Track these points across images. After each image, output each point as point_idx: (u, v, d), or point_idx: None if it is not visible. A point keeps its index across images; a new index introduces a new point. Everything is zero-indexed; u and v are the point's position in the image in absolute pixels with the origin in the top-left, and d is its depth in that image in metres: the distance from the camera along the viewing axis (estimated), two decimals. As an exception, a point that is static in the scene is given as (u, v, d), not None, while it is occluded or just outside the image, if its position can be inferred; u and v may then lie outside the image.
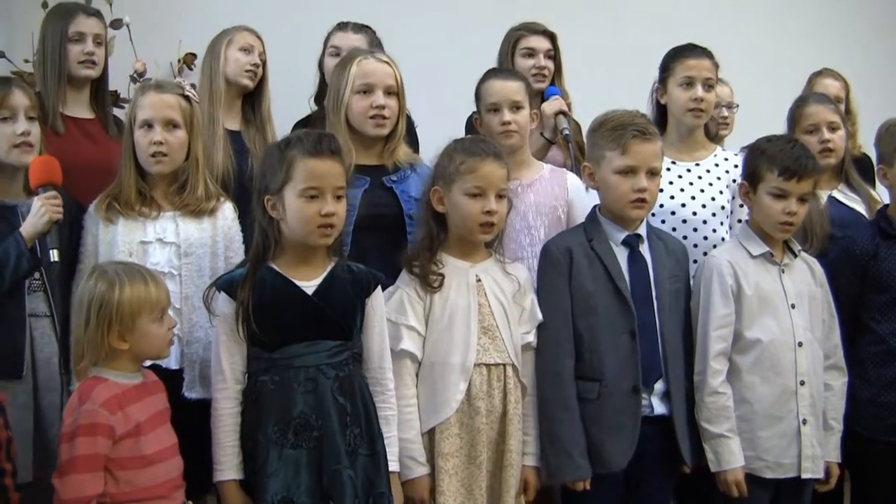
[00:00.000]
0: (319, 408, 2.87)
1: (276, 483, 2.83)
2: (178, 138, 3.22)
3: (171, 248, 3.20)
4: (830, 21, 6.06)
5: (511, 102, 3.58)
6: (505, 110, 3.57)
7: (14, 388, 3.06)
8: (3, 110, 3.18)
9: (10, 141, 3.17)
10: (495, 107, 3.59)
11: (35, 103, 3.27)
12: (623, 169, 3.20)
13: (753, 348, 3.27)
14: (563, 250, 3.23)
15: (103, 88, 3.98)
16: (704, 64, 3.74)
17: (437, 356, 3.11)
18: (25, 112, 3.20)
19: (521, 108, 3.60)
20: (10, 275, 3.03)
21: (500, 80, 3.66)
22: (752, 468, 3.25)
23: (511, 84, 3.63)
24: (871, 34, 6.10)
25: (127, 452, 2.71)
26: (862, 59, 5.70)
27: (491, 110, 3.60)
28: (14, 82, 3.31)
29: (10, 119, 3.18)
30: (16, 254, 3.02)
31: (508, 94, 3.59)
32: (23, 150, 3.18)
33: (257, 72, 4.06)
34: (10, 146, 3.17)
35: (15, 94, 3.20)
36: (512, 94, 3.60)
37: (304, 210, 2.89)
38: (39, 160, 3.14)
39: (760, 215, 3.36)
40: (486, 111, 3.63)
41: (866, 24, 6.12)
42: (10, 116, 3.18)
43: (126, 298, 2.73)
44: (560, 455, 3.14)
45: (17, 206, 3.18)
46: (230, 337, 2.93)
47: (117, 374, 2.77)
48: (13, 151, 3.18)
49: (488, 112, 3.62)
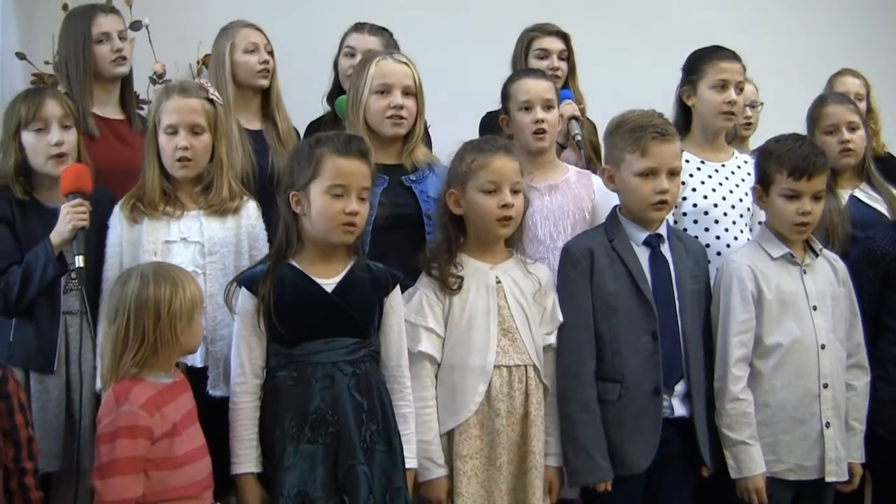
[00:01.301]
0: (336, 404, 2.90)
1: (292, 477, 2.86)
2: (202, 142, 3.24)
3: (195, 247, 3.22)
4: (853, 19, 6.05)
5: (544, 101, 3.58)
6: (538, 108, 3.57)
7: (48, 381, 3.19)
8: (36, 122, 3.23)
9: (45, 152, 3.24)
10: (527, 105, 3.58)
11: (69, 111, 3.31)
12: (643, 171, 3.19)
13: (775, 352, 3.26)
14: (584, 251, 3.23)
15: (130, 87, 4.02)
16: (736, 67, 3.74)
17: (457, 358, 3.12)
18: (59, 121, 3.26)
19: (552, 107, 3.61)
20: (37, 280, 3.11)
21: (532, 79, 3.68)
22: (776, 472, 3.24)
23: (543, 83, 3.65)
24: (894, 32, 6.06)
25: (162, 453, 2.74)
26: (885, 57, 5.68)
27: (523, 108, 3.60)
28: (47, 92, 3.36)
29: (43, 130, 3.24)
30: (44, 260, 3.10)
31: (541, 92, 3.60)
32: (57, 160, 3.24)
33: (269, 68, 4.06)
34: (45, 157, 3.24)
35: (47, 105, 3.25)
36: (544, 92, 3.61)
37: (328, 207, 2.92)
38: (71, 169, 3.18)
39: (775, 218, 3.35)
40: (517, 110, 3.62)
41: (889, 23, 6.09)
42: (43, 127, 3.24)
43: (189, 296, 2.80)
44: (581, 457, 3.14)
45: (58, 209, 3.20)
46: (250, 332, 2.97)
47: (152, 373, 2.80)
48: (49, 162, 3.25)
49: (520, 111, 3.61)
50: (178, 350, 2.85)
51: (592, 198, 3.60)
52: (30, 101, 3.26)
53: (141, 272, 2.83)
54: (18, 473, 2.69)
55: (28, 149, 3.25)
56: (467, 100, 4.05)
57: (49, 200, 3.27)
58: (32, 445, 2.74)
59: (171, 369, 2.87)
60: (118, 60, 3.87)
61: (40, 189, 3.29)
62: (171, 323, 2.77)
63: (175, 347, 2.82)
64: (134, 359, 2.75)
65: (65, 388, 3.21)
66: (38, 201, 3.27)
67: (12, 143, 3.25)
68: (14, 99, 3.35)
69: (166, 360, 2.82)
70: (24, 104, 3.25)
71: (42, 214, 3.24)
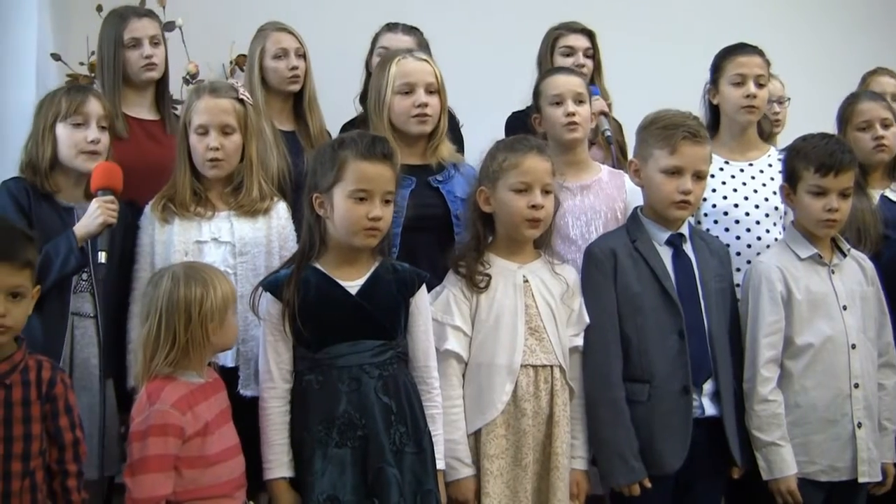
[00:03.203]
0: (363, 407, 2.89)
1: (323, 482, 2.85)
2: (233, 143, 3.26)
3: (226, 247, 3.24)
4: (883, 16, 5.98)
5: (575, 94, 3.59)
6: (569, 101, 3.57)
7: None
8: (76, 116, 3.25)
9: (79, 147, 3.24)
10: (559, 99, 3.59)
11: (109, 113, 3.35)
12: (670, 169, 3.18)
13: (805, 353, 3.24)
14: (606, 252, 3.22)
15: (165, 88, 4.05)
16: (755, 61, 3.72)
17: (483, 357, 3.11)
18: (98, 121, 3.27)
19: (584, 102, 3.61)
20: (57, 269, 3.09)
21: (563, 74, 3.71)
22: (807, 472, 3.22)
23: (574, 78, 3.67)
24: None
25: (194, 452, 2.76)
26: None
27: (554, 103, 3.60)
28: (92, 91, 3.38)
29: (82, 125, 3.25)
30: (66, 250, 3.09)
31: (572, 87, 3.61)
32: (90, 156, 3.25)
33: (299, 73, 4.07)
34: (78, 151, 3.25)
35: (90, 102, 3.28)
36: (575, 86, 3.62)
37: (351, 211, 2.91)
38: (103, 165, 3.20)
39: (803, 215, 3.33)
40: (548, 105, 3.62)
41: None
42: (83, 123, 3.25)
43: (220, 295, 2.81)
44: (612, 458, 3.13)
45: (74, 208, 3.25)
46: (277, 337, 2.96)
47: (185, 373, 2.82)
48: (80, 157, 3.25)
49: (551, 105, 3.61)
50: (210, 350, 2.87)
51: (624, 198, 3.59)
52: (73, 95, 3.28)
53: (172, 273, 2.84)
54: (62, 475, 2.70)
55: (61, 141, 3.25)
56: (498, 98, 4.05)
57: (66, 199, 3.28)
58: (79, 448, 2.73)
59: (204, 369, 2.88)
60: (148, 66, 3.89)
61: (61, 186, 3.28)
62: (202, 324, 2.78)
63: (207, 348, 2.83)
64: (166, 359, 2.76)
65: None
66: (53, 197, 3.26)
67: (49, 134, 3.25)
68: (54, 92, 3.36)
69: (198, 360, 2.84)
70: (67, 98, 3.27)
71: (57, 211, 3.25)
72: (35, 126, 3.30)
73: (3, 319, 2.54)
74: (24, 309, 2.62)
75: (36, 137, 3.27)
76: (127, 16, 3.91)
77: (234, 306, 2.91)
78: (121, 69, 3.86)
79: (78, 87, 3.45)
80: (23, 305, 2.61)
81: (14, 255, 2.57)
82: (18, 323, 2.61)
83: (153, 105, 3.99)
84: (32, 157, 3.27)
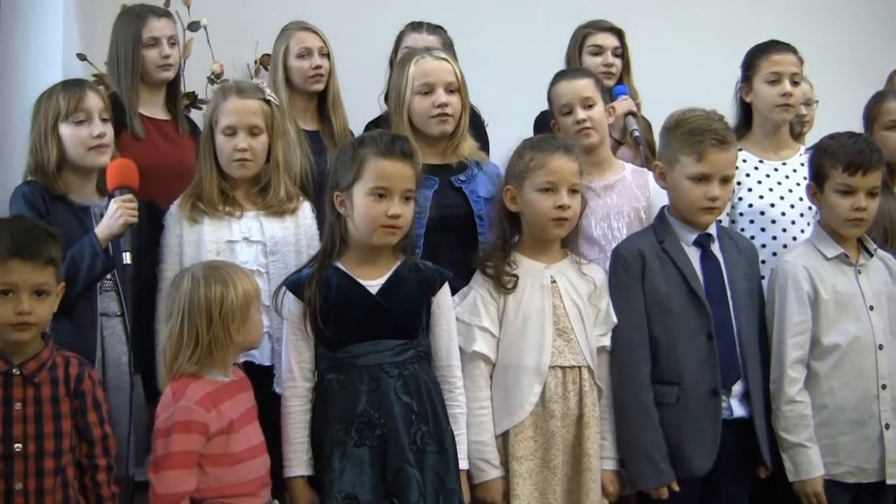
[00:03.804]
0: (382, 406, 2.89)
1: (342, 481, 2.86)
2: (260, 143, 3.26)
3: (257, 246, 3.25)
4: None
5: (582, 100, 3.57)
6: (577, 109, 3.56)
7: None
8: (78, 113, 3.21)
9: (86, 143, 3.21)
10: (568, 108, 3.58)
11: (108, 104, 3.32)
12: (697, 176, 3.17)
13: (832, 353, 3.22)
14: (634, 253, 3.21)
15: (177, 88, 4.05)
16: (790, 59, 3.70)
17: (511, 358, 3.10)
18: (99, 114, 3.25)
19: (594, 104, 3.58)
20: (84, 275, 3.08)
21: (567, 80, 3.67)
22: (834, 474, 3.21)
23: (579, 82, 3.63)
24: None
25: (218, 449, 2.77)
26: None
27: (565, 112, 3.59)
28: (86, 84, 3.35)
29: (85, 122, 3.22)
30: (90, 254, 3.08)
31: (578, 91, 3.59)
32: (98, 151, 3.23)
33: (322, 72, 4.08)
34: (86, 148, 3.22)
35: (89, 97, 3.24)
36: (581, 91, 3.59)
37: (370, 209, 2.92)
38: (116, 163, 3.19)
39: (830, 214, 3.31)
40: (559, 115, 3.63)
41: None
42: (85, 119, 3.22)
43: (241, 293, 2.81)
44: (641, 461, 3.12)
45: (90, 206, 3.25)
46: (298, 336, 2.97)
47: (210, 371, 2.83)
48: (89, 154, 3.23)
49: (562, 115, 3.61)
50: (235, 349, 2.88)
51: (648, 196, 3.60)
52: (70, 93, 3.23)
53: (192, 273, 2.85)
54: (92, 470, 2.73)
55: (67, 141, 3.21)
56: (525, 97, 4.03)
57: (79, 197, 3.26)
58: (108, 443, 2.76)
59: (229, 368, 2.89)
60: (165, 66, 3.90)
61: (73, 186, 3.25)
62: (223, 324, 2.79)
63: (230, 347, 2.83)
64: (189, 360, 2.78)
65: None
66: (67, 198, 3.23)
67: (52, 136, 3.21)
68: (48, 92, 3.29)
69: (222, 359, 2.84)
70: (64, 96, 3.22)
71: (73, 211, 3.23)
72: (36, 128, 3.26)
73: (28, 317, 2.57)
74: (48, 306, 2.65)
75: (39, 140, 3.23)
76: (145, 14, 3.91)
77: (259, 303, 2.92)
78: (139, 67, 3.87)
79: (72, 82, 3.36)
80: (47, 303, 2.64)
81: (37, 253, 2.59)
82: (43, 320, 2.64)
83: (165, 105, 4.00)
84: (39, 160, 3.23)
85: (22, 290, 2.57)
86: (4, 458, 2.56)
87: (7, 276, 2.56)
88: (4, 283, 2.56)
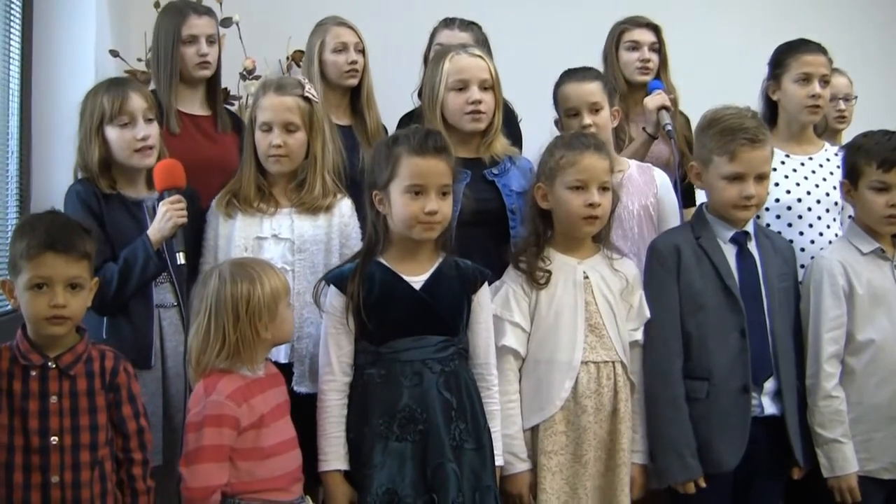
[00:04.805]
0: (424, 402, 2.89)
1: (382, 475, 2.86)
2: (296, 140, 3.27)
3: (285, 244, 3.26)
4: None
5: (590, 105, 3.55)
6: (584, 114, 3.54)
7: (144, 376, 3.10)
8: (122, 116, 3.22)
9: (131, 146, 3.23)
10: (574, 111, 3.57)
11: (152, 103, 3.33)
12: (731, 175, 3.16)
13: (867, 349, 3.21)
14: (670, 248, 3.21)
15: (216, 86, 4.06)
16: (821, 60, 3.66)
17: (543, 353, 3.10)
18: (143, 115, 3.26)
19: (601, 108, 3.56)
20: (137, 277, 3.13)
21: (575, 82, 3.62)
22: (868, 470, 3.19)
23: (587, 86, 3.59)
24: None
25: (249, 444, 2.78)
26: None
27: (571, 115, 3.58)
28: (129, 85, 3.36)
29: (129, 124, 3.23)
30: (143, 257, 3.12)
31: (586, 96, 3.56)
32: (143, 153, 3.25)
33: (357, 68, 4.09)
34: (131, 151, 3.24)
35: (132, 99, 3.25)
36: (589, 95, 3.56)
37: (407, 206, 2.92)
38: (163, 165, 3.21)
39: (864, 212, 3.30)
40: (565, 116, 3.61)
41: None
42: (129, 122, 3.23)
43: (268, 290, 2.81)
44: (669, 455, 3.11)
45: (142, 201, 3.27)
46: (339, 330, 2.97)
47: (241, 367, 2.84)
48: (135, 156, 3.25)
49: (568, 117, 3.59)
50: (264, 345, 2.87)
51: (655, 192, 3.59)
52: (113, 94, 3.24)
53: (219, 271, 2.86)
54: (127, 463, 2.74)
55: (113, 143, 3.23)
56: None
57: (132, 193, 3.29)
58: (143, 436, 2.77)
59: (259, 364, 2.89)
60: (202, 64, 3.90)
61: (122, 182, 3.28)
62: (250, 322, 2.79)
63: (258, 344, 2.83)
64: (217, 357, 2.79)
65: (161, 382, 3.22)
66: (121, 195, 3.27)
67: (96, 137, 3.23)
68: (94, 90, 3.31)
69: (250, 356, 2.83)
70: (108, 97, 3.23)
71: (128, 207, 3.26)
72: (82, 128, 3.28)
73: (63, 310, 2.58)
74: (82, 300, 2.65)
75: (85, 140, 3.26)
76: (186, 12, 3.91)
77: (287, 299, 2.92)
78: (178, 64, 3.87)
79: (116, 82, 3.39)
80: (81, 296, 2.64)
81: (72, 247, 2.60)
82: (77, 314, 2.65)
83: (205, 101, 4.01)
84: (85, 159, 3.27)
85: (56, 283, 2.57)
86: (40, 451, 2.57)
87: (41, 269, 2.56)
88: (39, 277, 2.57)
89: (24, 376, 2.60)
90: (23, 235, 2.59)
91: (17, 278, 2.59)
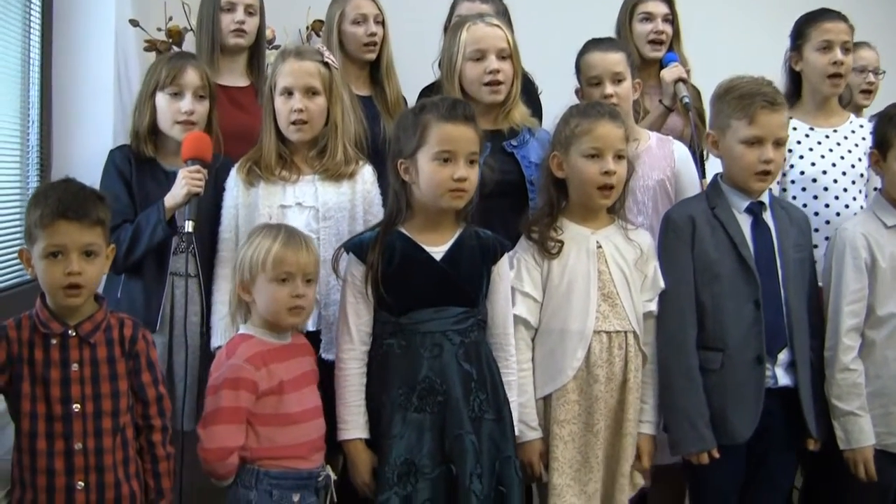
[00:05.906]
0: (444, 373, 2.90)
1: (400, 446, 2.87)
2: (317, 105, 3.28)
3: (309, 211, 3.27)
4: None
5: (613, 75, 3.54)
6: (607, 83, 3.54)
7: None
8: (173, 86, 3.32)
9: (174, 117, 3.32)
10: (597, 80, 3.56)
11: (206, 83, 3.39)
12: (749, 139, 3.13)
13: (887, 323, 3.19)
14: (685, 218, 3.20)
15: (258, 56, 4.09)
16: (841, 27, 3.65)
17: (556, 323, 3.11)
18: (195, 91, 3.33)
19: (623, 79, 3.56)
20: (145, 240, 3.18)
21: (600, 52, 3.61)
22: (885, 444, 3.19)
23: (612, 56, 3.59)
24: None
25: (269, 409, 2.82)
26: None
27: (593, 84, 3.57)
28: (190, 61, 3.43)
29: (178, 95, 3.32)
30: (154, 221, 3.17)
31: (610, 66, 3.55)
32: (184, 126, 3.31)
33: (377, 40, 4.08)
34: (173, 122, 3.32)
35: (187, 73, 3.34)
36: (613, 65, 3.55)
37: (436, 173, 2.91)
38: (193, 135, 3.26)
39: (892, 183, 3.26)
40: (587, 85, 3.60)
41: None
42: (178, 92, 3.32)
43: (259, 254, 2.86)
44: (683, 426, 3.12)
45: (176, 172, 3.28)
46: (358, 299, 2.98)
47: (264, 332, 2.88)
48: (175, 127, 3.32)
49: (590, 86, 3.58)
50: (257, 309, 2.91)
51: (672, 165, 3.57)
52: (172, 64, 3.35)
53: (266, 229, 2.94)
54: (147, 430, 2.77)
55: (160, 110, 3.33)
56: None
57: (170, 164, 3.34)
58: (163, 403, 2.79)
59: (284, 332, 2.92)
60: (237, 32, 3.93)
61: (164, 151, 3.37)
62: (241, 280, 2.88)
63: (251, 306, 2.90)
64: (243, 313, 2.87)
65: (167, 348, 3.28)
66: (158, 163, 3.35)
67: (148, 101, 3.34)
68: (159, 59, 3.46)
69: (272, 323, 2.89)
70: (167, 66, 3.34)
71: (158, 175, 3.33)
72: (140, 93, 3.41)
73: (78, 277, 2.58)
74: (98, 267, 2.66)
75: (139, 103, 3.39)
76: None
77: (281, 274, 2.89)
78: (217, 32, 3.92)
79: (181, 55, 3.50)
80: (97, 264, 2.65)
81: (85, 213, 2.61)
82: (93, 281, 2.66)
83: (245, 71, 4.04)
84: (135, 122, 3.37)
85: (70, 250, 2.58)
86: (63, 419, 2.60)
87: (55, 237, 2.58)
88: (53, 245, 2.58)
89: (44, 345, 2.62)
90: (37, 204, 2.61)
91: (33, 247, 2.61)
